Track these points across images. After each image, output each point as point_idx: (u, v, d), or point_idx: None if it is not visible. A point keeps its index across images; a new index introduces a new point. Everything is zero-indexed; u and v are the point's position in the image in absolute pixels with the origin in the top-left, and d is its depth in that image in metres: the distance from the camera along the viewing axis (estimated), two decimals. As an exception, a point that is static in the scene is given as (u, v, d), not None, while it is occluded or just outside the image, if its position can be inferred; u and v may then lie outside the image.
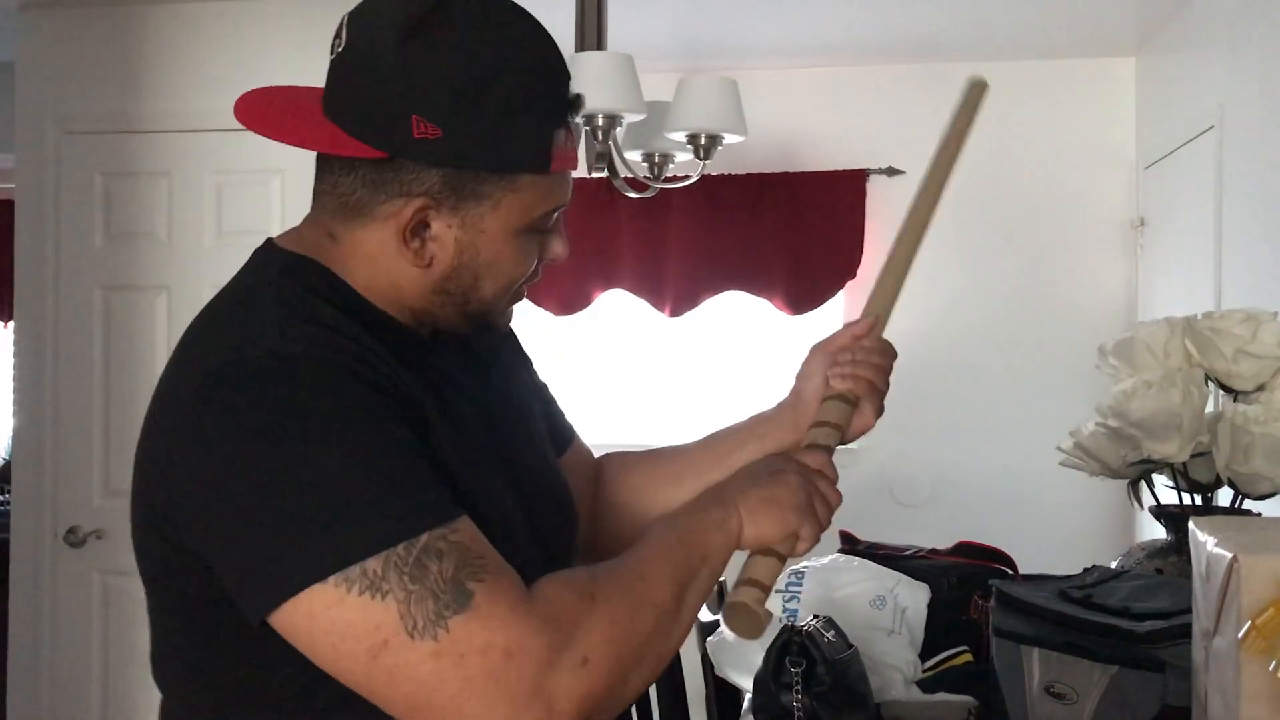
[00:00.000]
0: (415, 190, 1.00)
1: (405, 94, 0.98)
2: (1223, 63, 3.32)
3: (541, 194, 1.04)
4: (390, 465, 0.93)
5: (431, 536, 0.91)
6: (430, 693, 0.90)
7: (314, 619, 0.90)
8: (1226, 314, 1.92)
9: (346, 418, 0.93)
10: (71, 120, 3.52)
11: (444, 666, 0.89)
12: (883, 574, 2.15)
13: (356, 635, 0.89)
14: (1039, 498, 4.10)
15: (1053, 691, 1.50)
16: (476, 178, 1.00)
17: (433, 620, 0.89)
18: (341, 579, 0.88)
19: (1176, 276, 3.71)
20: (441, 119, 0.97)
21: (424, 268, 1.04)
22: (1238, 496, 1.91)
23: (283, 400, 0.93)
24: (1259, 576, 1.05)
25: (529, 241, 1.07)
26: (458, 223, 1.02)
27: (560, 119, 1.03)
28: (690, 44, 4.09)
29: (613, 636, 0.94)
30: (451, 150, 0.99)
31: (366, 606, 0.88)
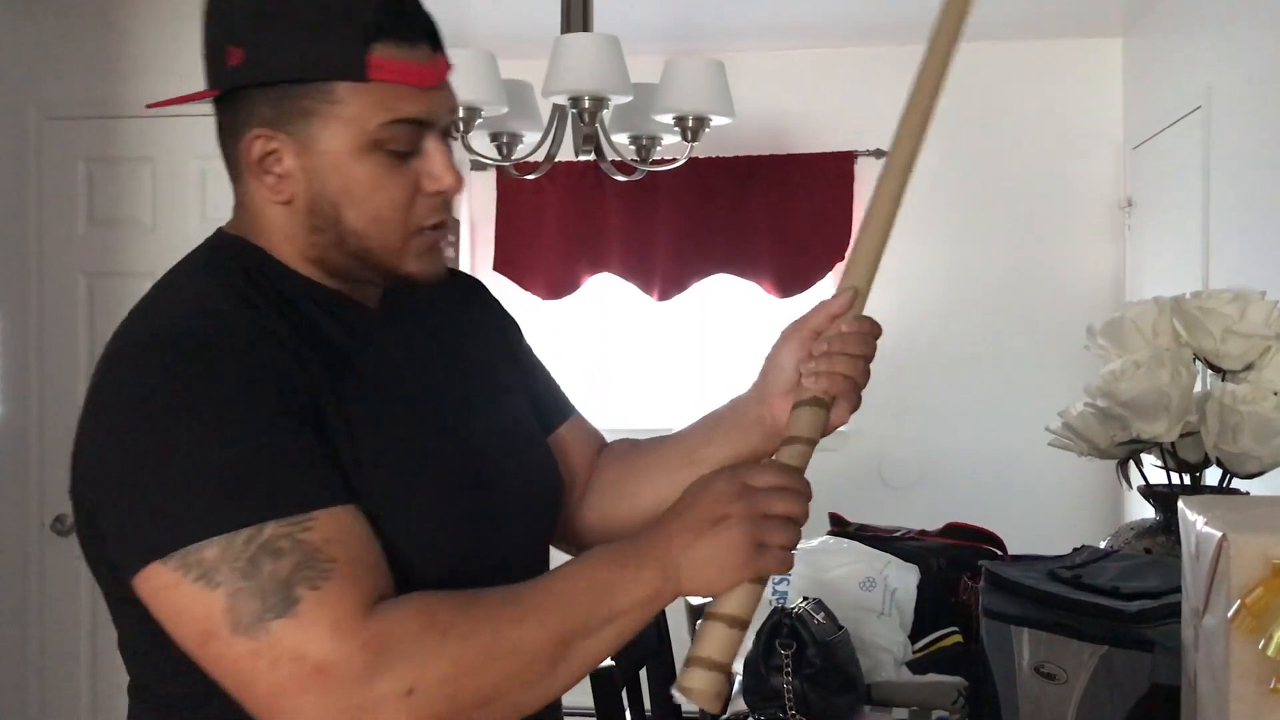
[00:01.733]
0: (250, 123, 1.03)
1: (218, 31, 1.03)
2: (1209, 43, 3.32)
3: (372, 106, 1.01)
4: (251, 453, 0.93)
5: (277, 529, 0.91)
6: (246, 688, 0.91)
7: (155, 596, 0.92)
8: (1214, 294, 1.92)
9: (218, 402, 0.94)
10: (53, 106, 3.50)
11: (260, 667, 0.89)
12: (872, 556, 2.15)
13: (188, 620, 0.91)
14: (1028, 479, 4.11)
15: (1042, 671, 1.50)
16: (294, 93, 1.01)
17: (255, 620, 0.89)
18: (179, 563, 0.90)
19: (1164, 257, 3.71)
20: (243, 41, 1.01)
21: (286, 204, 1.05)
22: (1226, 476, 1.91)
23: (159, 380, 0.95)
24: (1248, 555, 1.05)
25: (384, 165, 1.03)
26: (297, 148, 1.02)
27: (378, 28, 1.00)
28: (677, 26, 4.07)
29: (451, 675, 0.91)
30: (258, 69, 1.01)
31: (198, 595, 0.90)
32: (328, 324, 1.06)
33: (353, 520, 0.95)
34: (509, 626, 0.94)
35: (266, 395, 0.96)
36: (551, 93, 2.55)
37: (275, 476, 0.93)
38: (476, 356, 1.21)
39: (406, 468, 1.03)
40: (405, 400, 1.08)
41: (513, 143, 2.81)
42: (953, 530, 2.32)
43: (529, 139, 2.84)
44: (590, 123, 2.56)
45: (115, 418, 0.96)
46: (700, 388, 4.40)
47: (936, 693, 1.87)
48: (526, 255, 4.37)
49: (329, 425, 0.99)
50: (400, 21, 1.02)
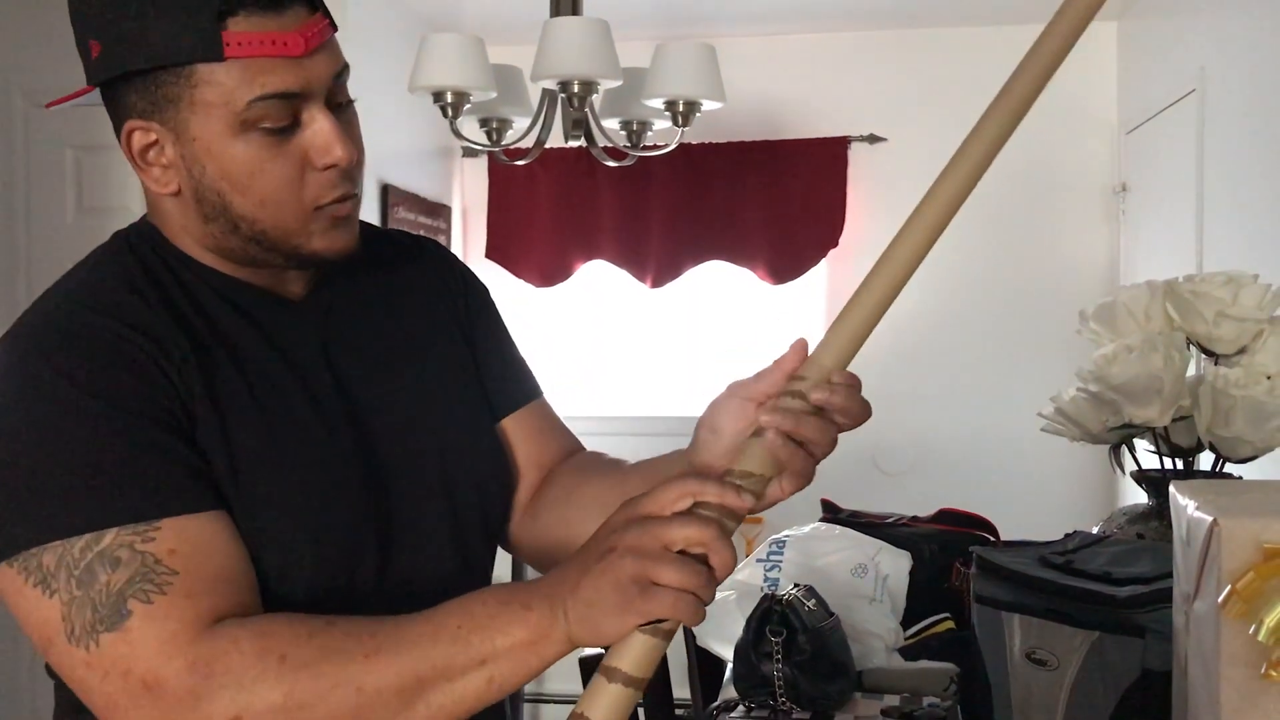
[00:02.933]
0: (124, 115, 1.00)
1: (79, 23, 1.00)
2: (1204, 26, 3.31)
3: (235, 84, 0.95)
4: (98, 456, 0.91)
5: (118, 537, 0.89)
6: (85, 696, 0.91)
7: (6, 597, 0.92)
8: (1207, 277, 1.91)
9: (71, 400, 0.92)
10: (40, 93, 3.47)
11: (92, 678, 0.89)
12: (864, 542, 2.15)
13: (30, 624, 0.91)
14: (1021, 464, 4.11)
15: (1034, 658, 1.50)
16: (156, 81, 0.96)
17: (87, 631, 0.88)
18: (21, 567, 0.89)
19: (1158, 241, 3.70)
20: (99, 33, 0.97)
21: (174, 195, 1.01)
22: (1219, 460, 1.91)
23: (16, 375, 0.94)
24: (1239, 540, 1.04)
25: (263, 144, 0.97)
26: (171, 137, 0.98)
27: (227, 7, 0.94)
28: (668, 10, 4.05)
29: (281, 707, 0.86)
30: (114, 59, 0.97)
31: (38, 600, 0.89)
32: (228, 318, 1.03)
33: (206, 529, 0.92)
34: (356, 661, 0.87)
35: (125, 396, 0.93)
36: (541, 77, 2.53)
37: (123, 482, 0.90)
38: (410, 340, 1.14)
39: (286, 475, 0.99)
40: (300, 400, 1.03)
41: (502, 128, 2.80)
42: (945, 516, 2.32)
43: (519, 124, 2.82)
44: (580, 108, 2.55)
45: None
46: (693, 375, 4.39)
47: (928, 679, 1.86)
48: (518, 242, 4.36)
49: (201, 428, 0.96)
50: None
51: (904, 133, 4.30)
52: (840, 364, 0.95)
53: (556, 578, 0.89)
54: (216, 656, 0.87)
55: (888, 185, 4.31)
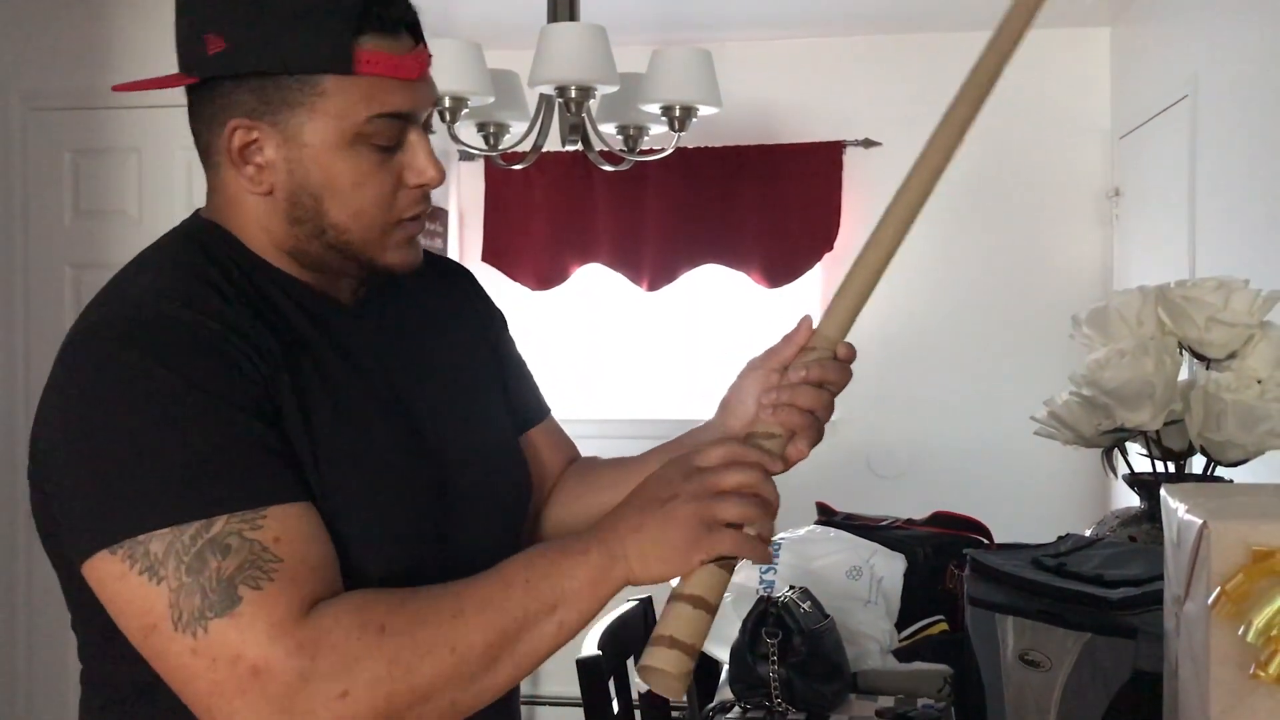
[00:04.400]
0: (230, 112, 1.01)
1: (198, 18, 1.00)
2: (1197, 32, 3.33)
3: (358, 99, 1.00)
4: (205, 445, 0.92)
5: (227, 524, 0.90)
6: (186, 685, 0.91)
7: (103, 585, 0.92)
8: (1199, 282, 1.92)
9: (175, 392, 0.93)
10: (38, 96, 3.48)
11: (198, 665, 0.89)
12: (859, 544, 2.16)
13: (132, 612, 0.91)
14: (1015, 467, 4.12)
15: (1027, 659, 1.51)
16: (278, 85, 0.99)
17: (195, 618, 0.89)
18: (126, 554, 0.90)
19: (1151, 246, 3.72)
20: (226, 30, 0.99)
21: (265, 195, 1.03)
22: (1210, 464, 1.92)
23: (117, 368, 0.94)
24: (1228, 542, 1.05)
25: (367, 159, 1.02)
26: (280, 139, 1.01)
27: (365, 20, 0.99)
28: (664, 15, 4.06)
29: (386, 675, 0.90)
30: (242, 58, 0.99)
31: (143, 587, 0.90)
32: (296, 317, 1.05)
33: (304, 518, 0.95)
34: (445, 622, 0.92)
35: (224, 387, 0.94)
36: (538, 82, 2.54)
37: (229, 470, 0.92)
38: (451, 354, 1.19)
39: (363, 468, 1.02)
40: (368, 399, 1.06)
41: (499, 133, 2.81)
42: (939, 519, 2.33)
43: (516, 129, 2.83)
44: (577, 113, 2.56)
45: (72, 403, 0.95)
46: (690, 378, 4.40)
47: (922, 681, 1.88)
48: (515, 246, 4.37)
49: (286, 421, 0.98)
50: (386, 13, 1.01)
51: (899, 137, 4.31)
52: (842, 333, 1.09)
53: (609, 524, 0.96)
54: (321, 636, 0.90)
55: (882, 190, 4.29)
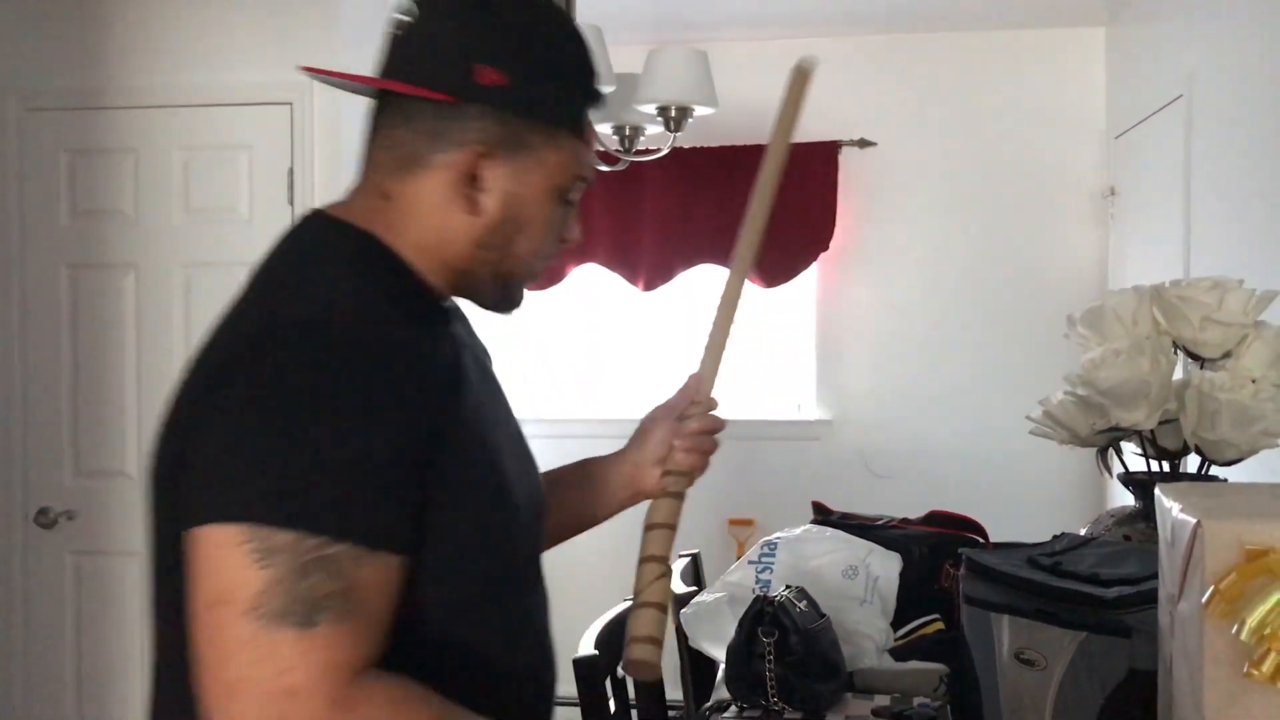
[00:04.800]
0: (474, 138, 1.08)
1: (473, 46, 1.07)
2: (1192, 32, 3.33)
3: (575, 158, 1.13)
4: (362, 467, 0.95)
5: (345, 551, 0.93)
6: (217, 665, 0.92)
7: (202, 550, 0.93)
8: (1193, 282, 1.93)
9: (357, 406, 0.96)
10: (34, 96, 3.47)
11: (244, 655, 0.91)
12: (855, 544, 2.16)
13: (216, 581, 0.92)
14: (1011, 467, 4.13)
15: (1022, 658, 1.51)
16: (529, 129, 1.09)
17: (274, 615, 0.91)
18: (250, 532, 0.92)
19: (1147, 245, 3.73)
20: (507, 67, 1.07)
21: (474, 216, 1.10)
22: (1205, 463, 1.93)
23: (311, 368, 0.96)
24: (1222, 541, 1.05)
25: (556, 208, 1.14)
26: (508, 173, 1.10)
27: (595, 94, 1.15)
28: (660, 16, 4.06)
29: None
30: (515, 97, 1.08)
31: (243, 564, 0.91)
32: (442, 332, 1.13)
33: (395, 575, 0.98)
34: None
35: (402, 414, 0.98)
36: (534, 83, 2.54)
37: (371, 501, 0.95)
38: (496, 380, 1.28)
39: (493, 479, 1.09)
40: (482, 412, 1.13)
41: (496, 133, 2.81)
42: (935, 518, 2.33)
43: (512, 129, 2.83)
44: (573, 113, 2.56)
45: (257, 387, 0.96)
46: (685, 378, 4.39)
47: (918, 680, 1.88)
48: (511, 246, 4.37)
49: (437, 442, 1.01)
50: (599, 90, 1.17)
51: (894, 137, 4.32)
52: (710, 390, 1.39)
53: None
54: (357, 705, 0.92)
55: (878, 189, 4.33)
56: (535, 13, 1.12)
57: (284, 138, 3.37)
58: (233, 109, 3.38)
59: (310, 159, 3.36)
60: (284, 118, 3.35)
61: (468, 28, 1.08)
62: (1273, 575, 1.02)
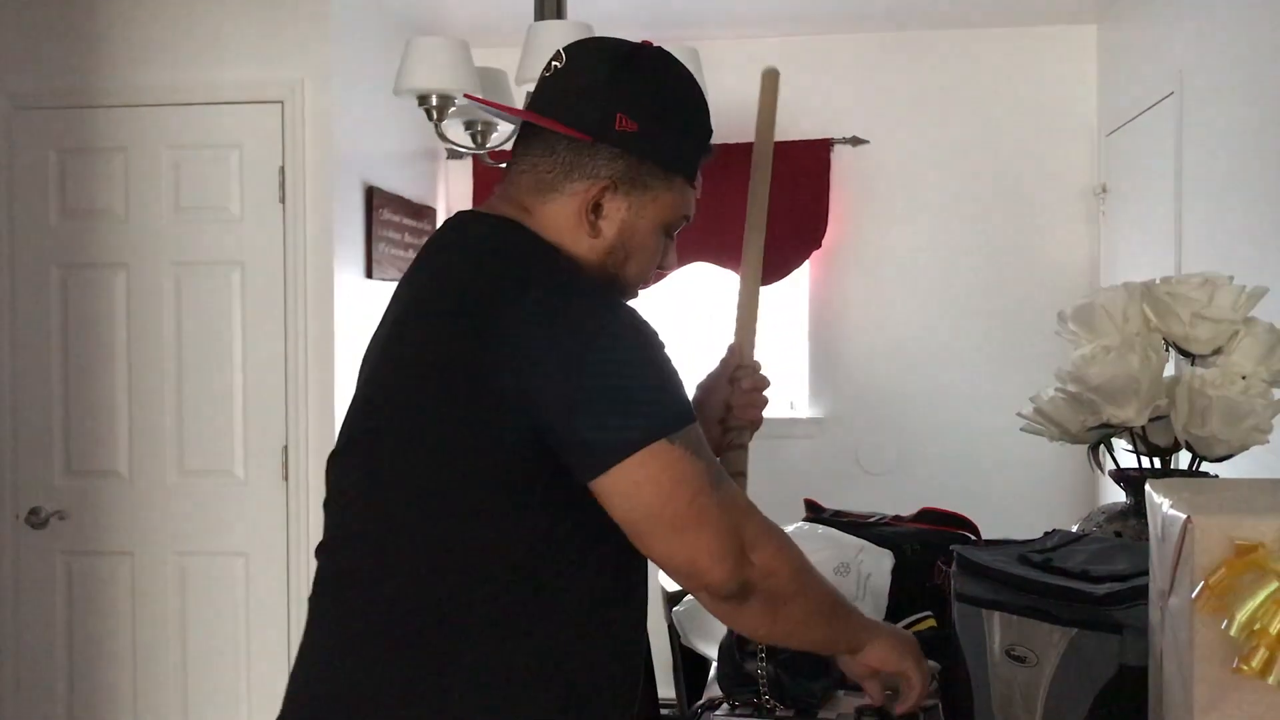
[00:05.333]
0: (603, 173, 1.30)
1: (615, 98, 1.30)
2: (1183, 30, 3.34)
3: (684, 199, 1.37)
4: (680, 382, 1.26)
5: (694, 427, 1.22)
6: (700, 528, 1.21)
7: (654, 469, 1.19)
8: (1184, 278, 1.93)
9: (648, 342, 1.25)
10: (24, 95, 3.47)
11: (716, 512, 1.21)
12: (846, 541, 2.16)
13: (681, 479, 1.20)
14: (1003, 464, 4.13)
15: (1013, 654, 1.52)
16: (650, 171, 1.32)
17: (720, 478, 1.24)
18: (684, 439, 1.20)
19: (1138, 243, 3.73)
20: (640, 119, 1.30)
21: (594, 239, 1.32)
22: (1195, 459, 1.93)
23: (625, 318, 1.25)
24: (1212, 537, 1.06)
25: (660, 240, 1.37)
26: (626, 205, 1.32)
27: (708, 151, 1.38)
28: (651, 14, 4.06)
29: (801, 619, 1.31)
30: (642, 144, 1.30)
31: (693, 461, 1.20)
32: None
33: None
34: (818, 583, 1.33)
35: None
36: (525, 81, 2.54)
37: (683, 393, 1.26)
38: None
39: None
40: None
41: (487, 131, 2.81)
42: (927, 515, 2.33)
43: (504, 127, 2.83)
44: (564, 111, 2.56)
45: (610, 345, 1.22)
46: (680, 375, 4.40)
47: (910, 677, 1.87)
48: (503, 244, 4.36)
49: None
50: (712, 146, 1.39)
51: (886, 135, 4.32)
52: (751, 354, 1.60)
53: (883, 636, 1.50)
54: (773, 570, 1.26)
55: (870, 187, 4.33)
56: (672, 77, 1.35)
57: (275, 137, 3.36)
58: (223, 108, 3.37)
59: (301, 158, 3.35)
60: (275, 116, 3.35)
61: (615, 80, 1.30)
62: (1262, 570, 1.03)
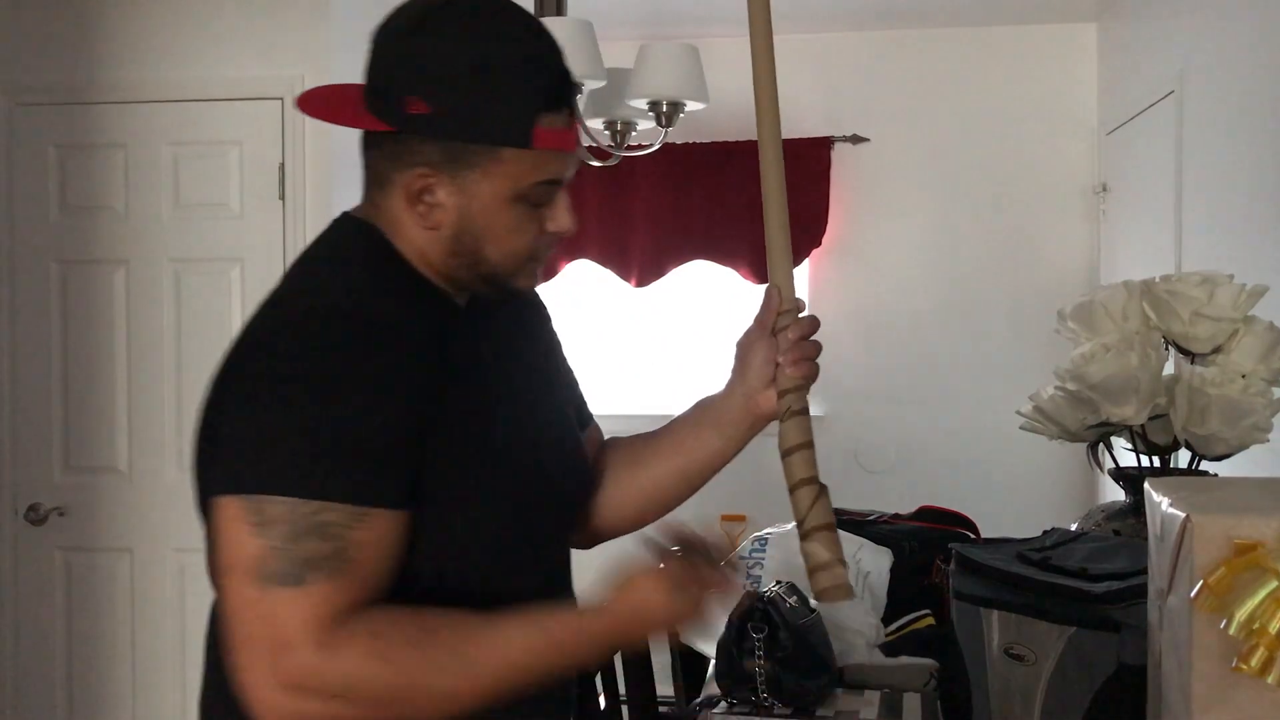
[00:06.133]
0: (418, 160, 1.15)
1: (404, 78, 1.14)
2: (1183, 28, 3.34)
3: (528, 167, 1.15)
4: (356, 436, 1.06)
5: (338, 515, 1.04)
6: (233, 625, 1.05)
7: (219, 521, 1.06)
8: (1183, 277, 1.93)
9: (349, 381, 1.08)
10: (23, 91, 3.46)
11: (249, 614, 1.04)
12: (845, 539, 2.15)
13: (229, 550, 1.05)
14: (1001, 462, 4.13)
15: (1012, 653, 1.51)
16: (466, 149, 1.14)
17: (269, 578, 1.03)
18: (247, 504, 1.04)
19: (1138, 241, 3.73)
20: (429, 98, 1.13)
21: (432, 230, 1.18)
22: (1195, 458, 1.93)
23: (309, 351, 1.09)
24: (1211, 536, 1.06)
25: (524, 212, 1.18)
26: (455, 190, 1.15)
27: (544, 104, 1.14)
28: (651, 10, 4.06)
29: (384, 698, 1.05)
30: (437, 125, 1.13)
31: (245, 535, 1.04)
32: (440, 323, 1.19)
33: (394, 530, 1.08)
34: (450, 677, 1.07)
35: (390, 384, 1.09)
36: (525, 78, 2.54)
37: (363, 465, 1.06)
38: (537, 357, 1.35)
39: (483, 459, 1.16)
40: (490, 394, 1.20)
41: (487, 128, 2.80)
42: (925, 513, 2.34)
43: (503, 124, 2.82)
44: (564, 108, 2.55)
45: (254, 366, 1.10)
46: (678, 374, 4.40)
47: (908, 675, 1.88)
48: (503, 241, 4.37)
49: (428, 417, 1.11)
50: (562, 94, 1.17)
51: (887, 133, 4.32)
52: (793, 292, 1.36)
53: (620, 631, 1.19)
54: (340, 645, 1.03)
55: (871, 185, 4.33)
56: (463, 37, 1.14)
57: (274, 133, 3.35)
58: (223, 104, 3.37)
59: (301, 154, 3.35)
60: (275, 113, 3.34)
61: (399, 60, 1.15)
62: (1261, 570, 1.02)
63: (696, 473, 1.41)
